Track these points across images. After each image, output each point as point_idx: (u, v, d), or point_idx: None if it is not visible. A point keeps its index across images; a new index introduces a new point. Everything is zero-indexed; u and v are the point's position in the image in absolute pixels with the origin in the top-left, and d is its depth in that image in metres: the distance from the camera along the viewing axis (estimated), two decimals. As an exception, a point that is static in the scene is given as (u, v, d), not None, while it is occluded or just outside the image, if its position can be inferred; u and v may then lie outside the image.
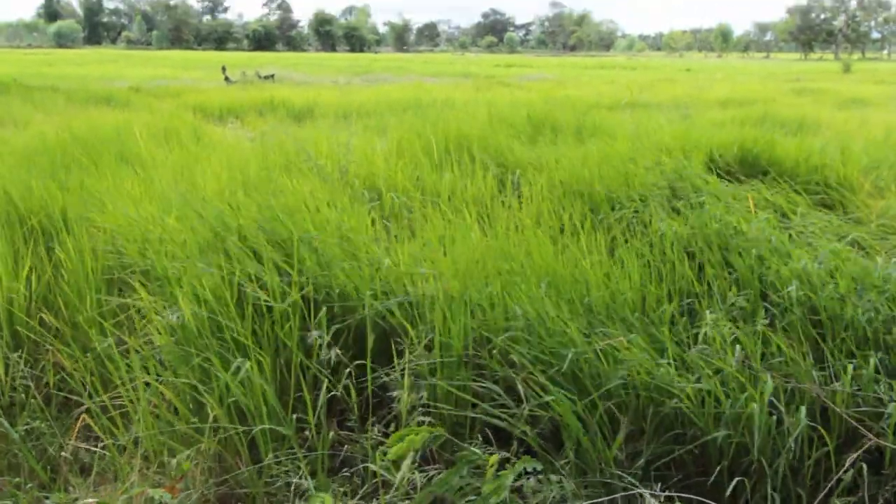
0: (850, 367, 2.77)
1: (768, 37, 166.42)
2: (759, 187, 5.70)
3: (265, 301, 3.33)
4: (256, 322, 3.25)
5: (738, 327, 3.12)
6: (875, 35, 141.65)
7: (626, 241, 4.26)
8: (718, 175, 6.23)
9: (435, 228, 4.25)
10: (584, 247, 3.96)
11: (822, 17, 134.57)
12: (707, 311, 3.22)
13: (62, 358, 3.25)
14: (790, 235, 4.32)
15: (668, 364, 2.82)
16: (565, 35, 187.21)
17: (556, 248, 3.93)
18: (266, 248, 3.79)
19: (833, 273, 3.59)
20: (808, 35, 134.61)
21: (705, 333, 3.03)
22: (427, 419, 2.83)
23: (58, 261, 4.07)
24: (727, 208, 4.84)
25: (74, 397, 3.17)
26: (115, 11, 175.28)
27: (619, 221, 4.89)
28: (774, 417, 2.62)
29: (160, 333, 3.21)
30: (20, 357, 3.32)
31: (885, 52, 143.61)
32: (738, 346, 2.90)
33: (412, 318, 3.34)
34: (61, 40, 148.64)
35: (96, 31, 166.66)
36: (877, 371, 2.83)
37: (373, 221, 4.71)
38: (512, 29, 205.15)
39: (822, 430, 2.62)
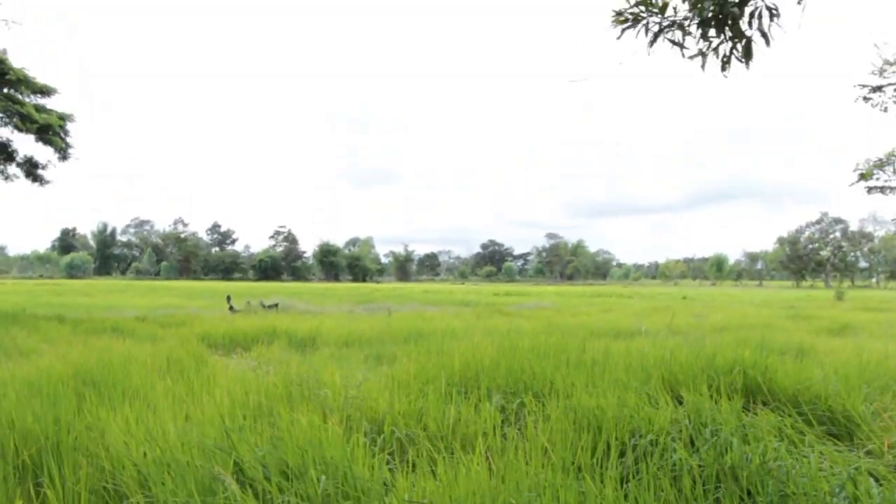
0: None
1: (759, 265, 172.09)
2: (765, 416, 5.63)
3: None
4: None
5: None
6: (863, 264, 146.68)
7: (637, 473, 4.15)
8: (719, 401, 6.17)
9: (439, 464, 4.14)
10: (594, 479, 3.85)
11: (810, 247, 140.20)
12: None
13: None
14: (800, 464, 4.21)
15: None
16: (562, 264, 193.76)
17: (567, 481, 3.82)
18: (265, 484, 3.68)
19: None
20: (797, 264, 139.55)
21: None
22: None
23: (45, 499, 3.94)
24: (740, 439, 4.76)
25: None
26: (128, 244, 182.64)
27: (631, 451, 4.78)
28: None
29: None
30: None
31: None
32: None
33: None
34: (73, 271, 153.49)
35: (107, 262, 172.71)
36: None
37: (374, 455, 4.60)
38: (510, 259, 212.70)
39: None
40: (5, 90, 21.93)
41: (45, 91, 22.85)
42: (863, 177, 20.67)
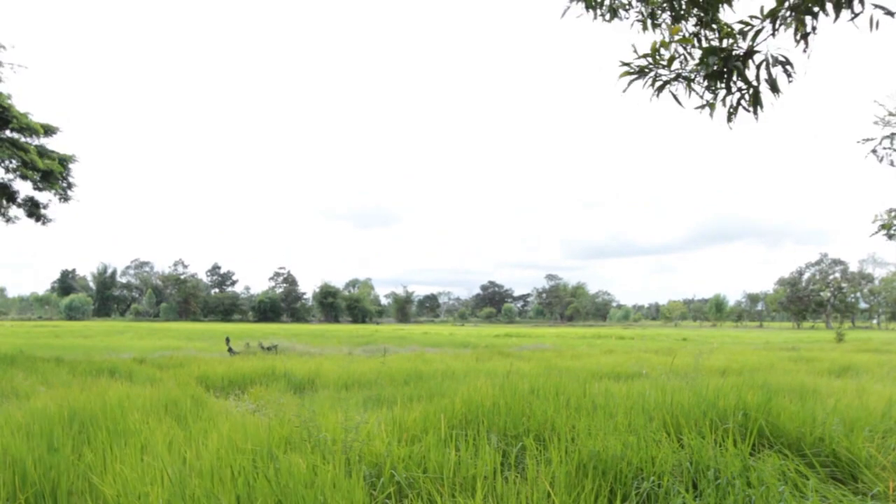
0: None
1: (760, 306, 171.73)
2: (769, 459, 5.58)
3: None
4: None
5: None
6: (863, 305, 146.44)
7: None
8: (722, 444, 6.12)
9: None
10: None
11: (811, 288, 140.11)
12: None
13: None
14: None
15: None
16: (562, 306, 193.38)
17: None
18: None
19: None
20: (798, 305, 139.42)
21: None
22: None
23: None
24: (744, 482, 4.72)
25: None
26: (127, 285, 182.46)
27: (634, 495, 4.73)
28: None
29: None
30: None
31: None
32: None
33: None
34: (72, 313, 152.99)
35: (107, 303, 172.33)
36: None
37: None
38: (510, 300, 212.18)
39: None
40: (8, 134, 22.08)
41: (48, 131, 23.02)
42: (884, 227, 21.22)
